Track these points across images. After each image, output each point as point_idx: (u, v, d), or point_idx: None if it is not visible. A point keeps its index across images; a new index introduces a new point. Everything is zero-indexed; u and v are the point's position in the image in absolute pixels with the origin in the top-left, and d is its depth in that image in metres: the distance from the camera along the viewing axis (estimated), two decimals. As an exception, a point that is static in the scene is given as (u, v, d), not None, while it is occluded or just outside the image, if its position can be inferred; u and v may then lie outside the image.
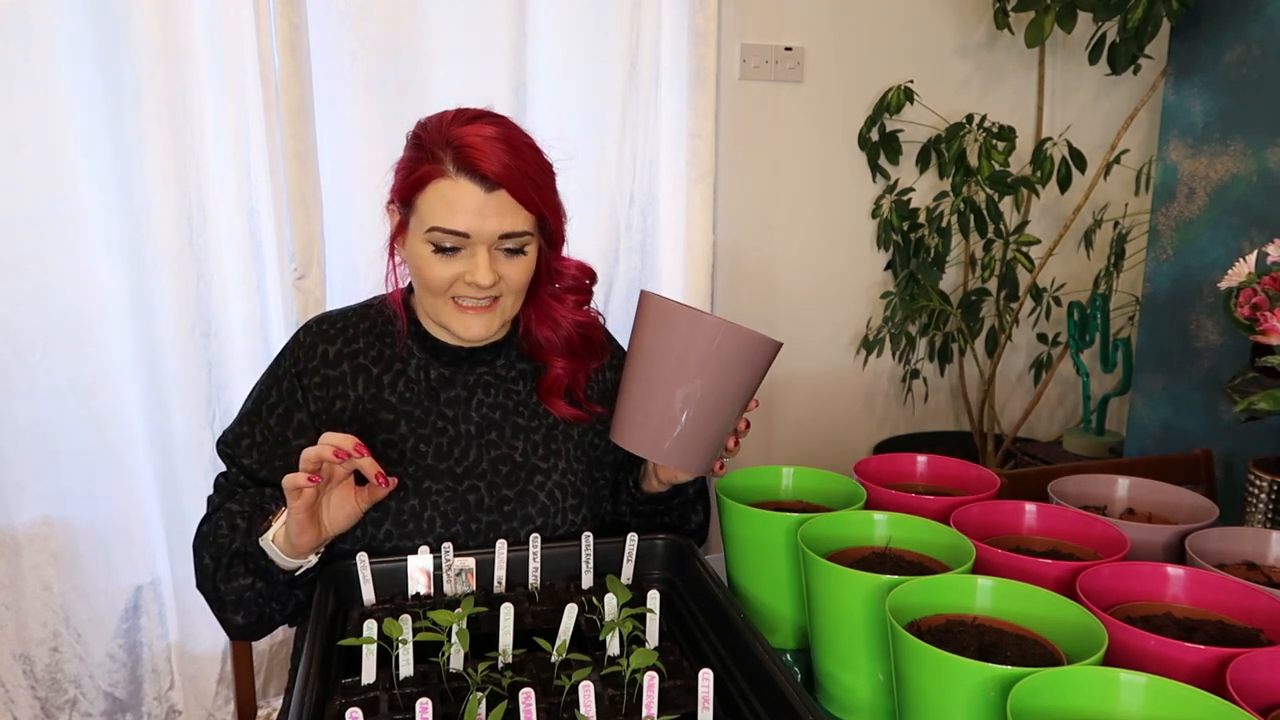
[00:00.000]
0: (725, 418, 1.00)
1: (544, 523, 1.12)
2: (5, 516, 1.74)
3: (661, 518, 1.20)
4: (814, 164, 2.33)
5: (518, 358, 1.18)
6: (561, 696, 0.78)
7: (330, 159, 1.81)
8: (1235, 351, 1.80)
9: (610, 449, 1.20)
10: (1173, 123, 1.92)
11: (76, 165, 1.66)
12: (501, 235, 1.02)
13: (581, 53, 1.98)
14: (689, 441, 0.99)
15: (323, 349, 1.11)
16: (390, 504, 1.08)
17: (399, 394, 1.11)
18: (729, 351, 0.96)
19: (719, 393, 0.97)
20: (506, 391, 1.16)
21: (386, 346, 1.13)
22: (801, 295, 2.39)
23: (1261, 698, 0.73)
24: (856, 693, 0.90)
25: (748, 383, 1.00)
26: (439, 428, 1.11)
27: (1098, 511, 1.12)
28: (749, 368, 0.98)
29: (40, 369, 1.70)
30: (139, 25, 1.62)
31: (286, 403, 1.09)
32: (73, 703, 1.83)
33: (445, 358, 1.14)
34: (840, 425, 2.52)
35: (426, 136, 1.03)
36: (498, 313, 1.08)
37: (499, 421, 1.14)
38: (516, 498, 1.12)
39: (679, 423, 0.98)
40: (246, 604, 1.01)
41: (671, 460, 1.01)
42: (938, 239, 2.22)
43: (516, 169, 1.00)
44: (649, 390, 0.98)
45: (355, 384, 1.11)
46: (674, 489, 1.15)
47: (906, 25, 2.33)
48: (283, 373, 1.11)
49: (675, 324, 0.97)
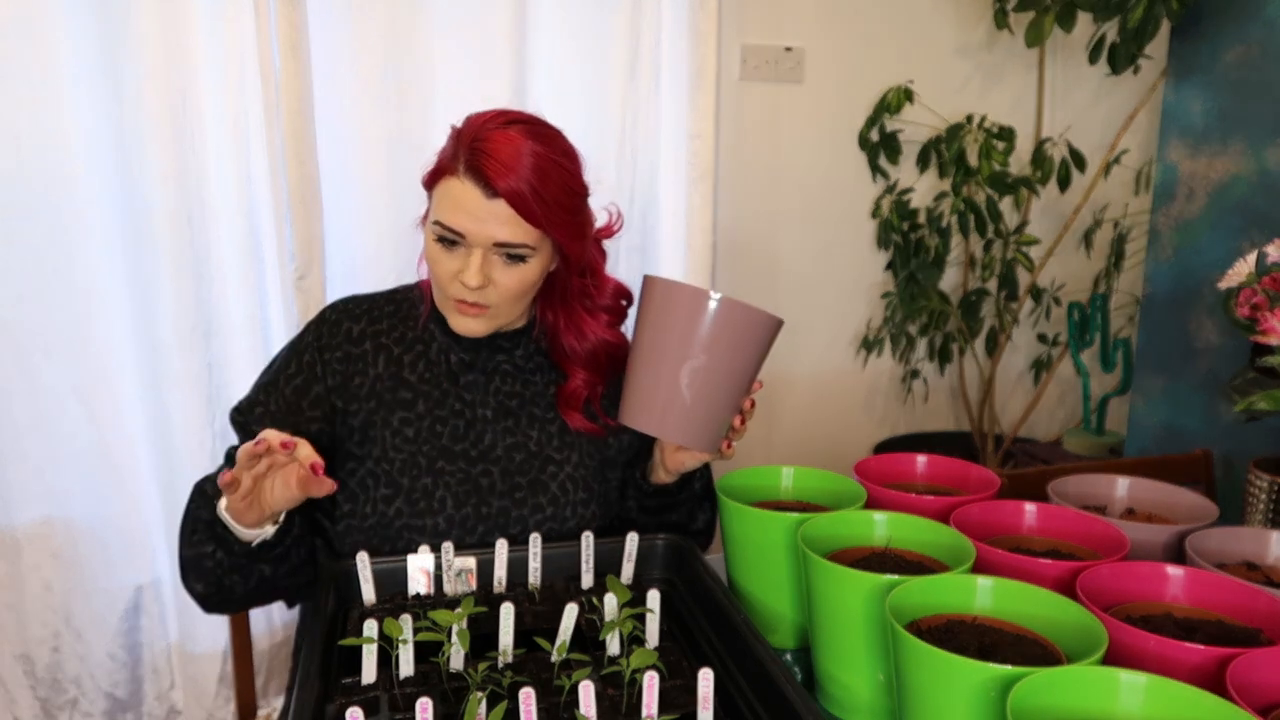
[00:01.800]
0: (730, 394, 1.02)
1: (554, 513, 1.13)
2: (5, 516, 1.74)
3: (669, 514, 1.20)
4: (814, 164, 2.33)
5: (536, 349, 1.19)
6: (561, 696, 0.78)
7: (330, 159, 1.81)
8: (1235, 351, 1.80)
9: (623, 450, 1.21)
10: (1173, 123, 1.92)
11: (77, 165, 1.66)
12: (496, 243, 1.02)
13: (582, 53, 1.98)
14: (695, 418, 1.01)
15: (347, 326, 1.13)
16: (403, 481, 1.09)
17: (419, 374, 1.13)
18: (731, 327, 0.98)
19: (722, 368, 0.99)
20: (525, 381, 1.17)
21: (409, 329, 1.15)
22: (801, 295, 2.39)
23: (1261, 698, 0.73)
24: (856, 693, 0.90)
25: (750, 359, 1.02)
26: (456, 410, 1.13)
27: (1098, 511, 1.12)
28: (751, 344, 1.00)
29: (40, 369, 1.70)
30: (139, 25, 1.62)
31: (305, 375, 1.10)
32: (73, 702, 1.83)
33: (466, 343, 1.15)
34: (840, 425, 2.52)
35: (461, 131, 1.04)
36: (490, 318, 1.08)
37: (515, 410, 1.15)
38: (528, 485, 1.13)
39: (684, 399, 0.99)
40: (206, 572, 0.99)
41: (679, 436, 1.02)
42: (938, 239, 2.22)
43: (526, 183, 0.99)
44: (655, 368, 1.00)
45: (376, 362, 1.12)
46: (681, 481, 1.16)
47: (906, 25, 2.33)
48: (304, 346, 1.12)
49: (678, 302, 0.99)
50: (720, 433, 1.05)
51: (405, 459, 1.10)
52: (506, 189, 0.99)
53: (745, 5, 2.16)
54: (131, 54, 1.63)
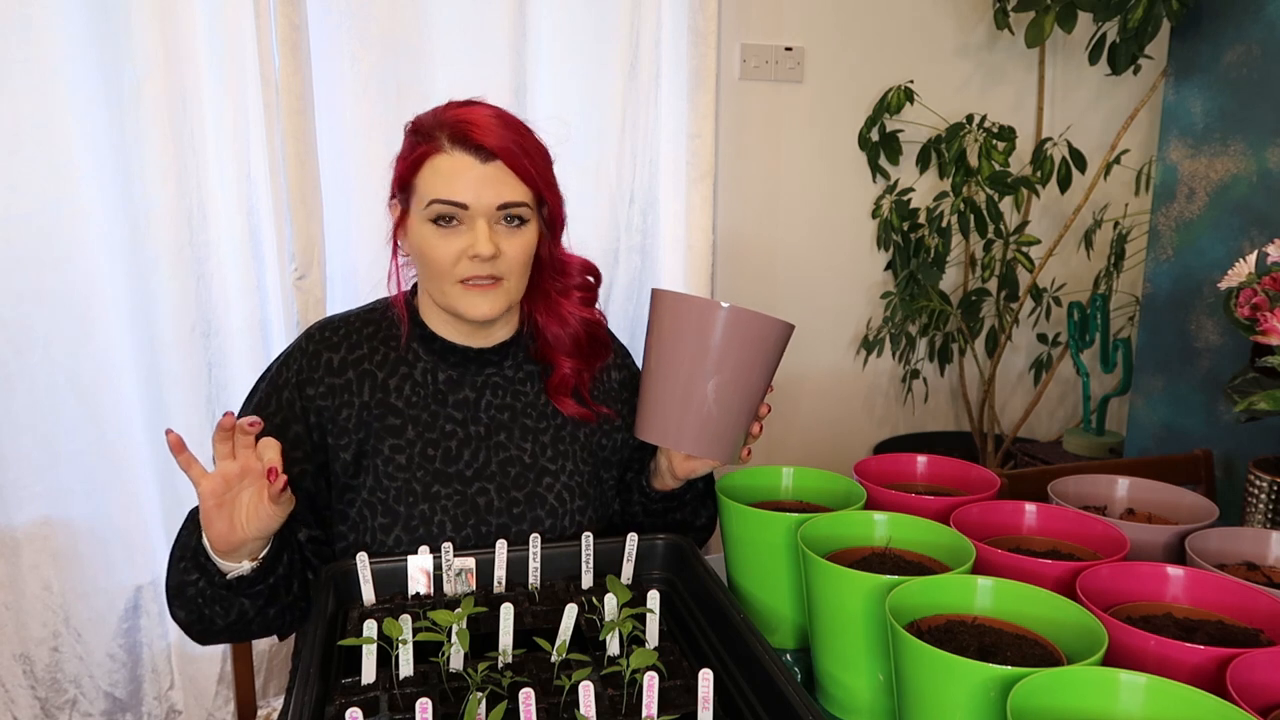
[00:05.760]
0: (747, 403, 1.03)
1: (552, 524, 1.12)
2: (5, 516, 1.74)
3: (674, 514, 1.20)
4: (814, 164, 2.33)
5: (525, 359, 1.18)
6: (561, 696, 0.78)
7: (330, 159, 1.81)
8: (1235, 351, 1.80)
9: (616, 449, 1.21)
10: (1173, 123, 1.92)
11: (77, 165, 1.66)
12: (499, 206, 1.03)
13: (582, 53, 1.98)
14: (716, 430, 1.01)
15: (327, 357, 1.09)
16: (400, 510, 1.07)
17: (405, 398, 1.10)
18: (746, 337, 0.99)
19: (742, 379, 1.00)
20: (514, 393, 1.15)
21: (392, 350, 1.12)
22: (801, 295, 2.39)
23: (1261, 698, 0.73)
24: (856, 693, 0.90)
25: (766, 367, 1.02)
26: (447, 431, 1.11)
27: (1098, 512, 1.12)
28: (766, 352, 1.01)
29: (40, 368, 1.70)
30: (139, 25, 1.62)
31: (285, 414, 1.07)
32: (73, 703, 1.83)
33: (453, 359, 1.13)
34: (840, 425, 2.52)
35: (422, 123, 1.06)
36: (502, 292, 1.07)
37: (507, 423, 1.14)
38: (525, 499, 1.12)
39: (710, 413, 1.00)
40: (188, 600, 0.97)
41: (700, 449, 1.02)
42: (938, 239, 2.22)
43: (513, 141, 1.02)
44: (671, 383, 1.00)
45: (361, 390, 1.09)
46: (687, 484, 1.16)
47: (906, 25, 2.33)
48: (284, 382, 1.09)
49: (689, 316, 0.99)
50: (740, 441, 1.05)
51: (400, 486, 1.08)
52: (500, 147, 1.01)
53: (745, 5, 2.16)
54: (131, 54, 1.63)
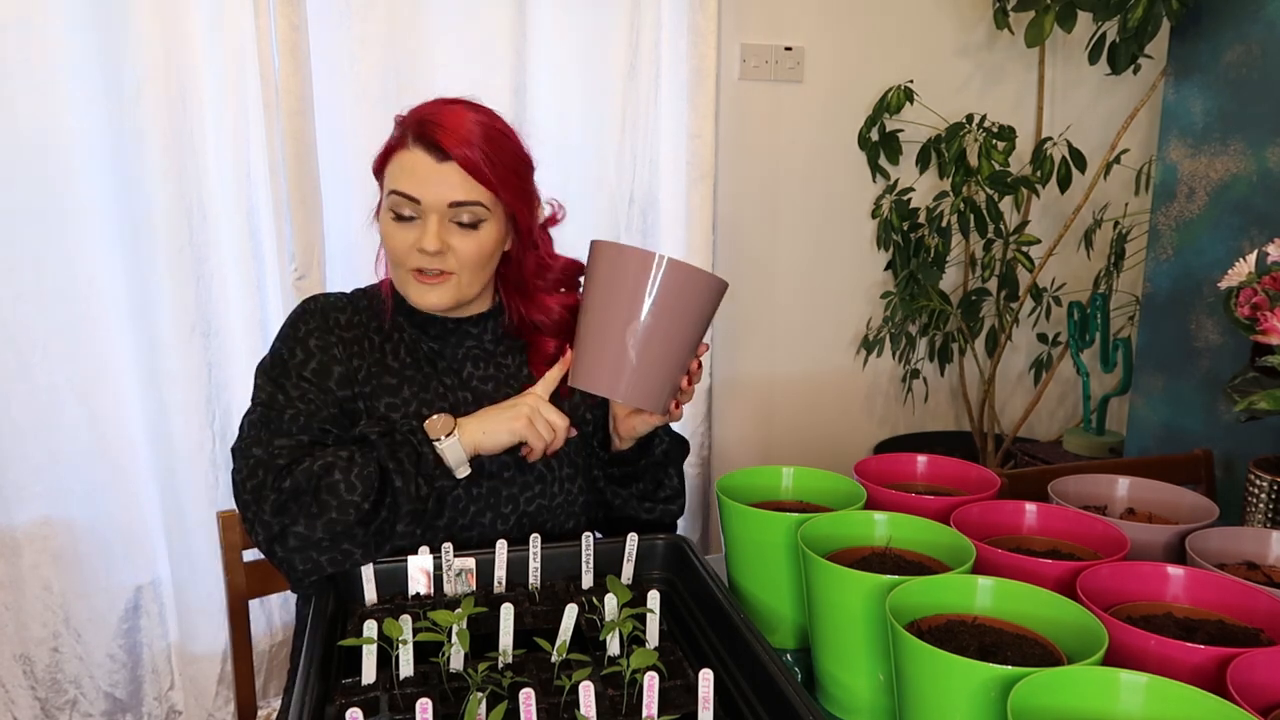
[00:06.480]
0: (676, 355, 1.04)
1: (542, 489, 1.16)
2: (5, 516, 1.74)
3: (634, 483, 1.22)
4: (814, 164, 2.33)
5: (504, 333, 1.22)
6: (561, 696, 0.78)
7: (330, 159, 1.81)
8: (1235, 351, 1.80)
9: (599, 426, 1.23)
10: (1173, 123, 1.92)
11: (77, 165, 1.66)
12: (451, 204, 1.06)
13: (581, 53, 1.98)
14: (643, 378, 1.02)
15: (334, 315, 1.14)
16: None
17: (401, 360, 1.15)
18: (675, 287, 1.00)
19: (666, 327, 1.01)
20: (496, 365, 1.20)
21: (382, 322, 1.17)
22: (802, 295, 2.39)
23: (1261, 698, 0.73)
24: (856, 693, 0.90)
25: (694, 318, 1.03)
26: (440, 393, 1.15)
27: (1098, 511, 1.12)
28: (696, 305, 1.02)
29: (40, 369, 1.70)
30: (139, 25, 1.62)
31: (320, 357, 1.10)
32: (73, 703, 1.83)
33: (433, 331, 1.17)
34: (840, 425, 2.52)
35: (407, 115, 1.11)
36: (452, 286, 1.10)
37: (492, 393, 1.17)
38: (516, 464, 1.15)
39: (630, 358, 1.01)
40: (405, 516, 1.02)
41: (626, 395, 1.03)
42: (938, 239, 2.22)
43: (474, 146, 1.05)
44: (601, 329, 1.02)
45: (363, 350, 1.13)
46: (639, 447, 1.18)
47: (906, 25, 2.33)
48: (304, 334, 1.11)
49: (621, 263, 1.01)
50: (669, 392, 1.06)
51: None
52: (455, 152, 1.05)
53: (745, 5, 2.16)
54: (131, 54, 1.63)
